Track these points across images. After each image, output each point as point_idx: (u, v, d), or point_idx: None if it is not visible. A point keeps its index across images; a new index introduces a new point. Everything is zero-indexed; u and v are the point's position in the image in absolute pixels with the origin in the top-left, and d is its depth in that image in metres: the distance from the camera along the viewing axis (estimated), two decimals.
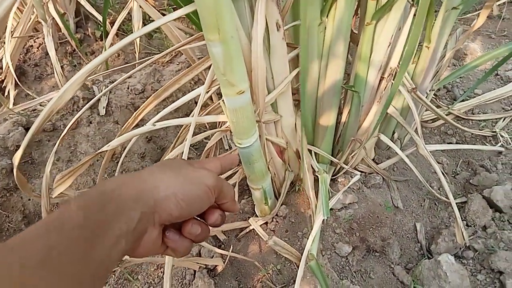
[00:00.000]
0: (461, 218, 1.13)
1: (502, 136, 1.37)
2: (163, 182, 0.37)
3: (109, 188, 0.34)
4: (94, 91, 1.56)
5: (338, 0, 0.78)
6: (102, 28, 2.12)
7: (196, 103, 1.56)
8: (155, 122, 0.89)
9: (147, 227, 0.36)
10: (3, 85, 1.81)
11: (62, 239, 0.29)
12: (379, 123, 0.94)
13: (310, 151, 1.03)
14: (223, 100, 0.83)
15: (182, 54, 1.89)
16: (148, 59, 0.99)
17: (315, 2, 0.80)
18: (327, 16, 0.83)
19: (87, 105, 1.00)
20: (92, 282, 0.30)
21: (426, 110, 1.40)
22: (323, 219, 0.82)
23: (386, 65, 0.91)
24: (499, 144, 1.34)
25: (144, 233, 0.36)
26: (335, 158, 1.05)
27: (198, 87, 0.96)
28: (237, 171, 1.06)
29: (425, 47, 1.00)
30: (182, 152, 0.86)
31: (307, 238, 0.83)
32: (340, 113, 1.03)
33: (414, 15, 0.91)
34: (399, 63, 0.94)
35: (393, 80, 0.99)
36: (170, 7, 2.33)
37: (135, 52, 1.96)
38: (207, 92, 0.89)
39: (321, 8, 0.81)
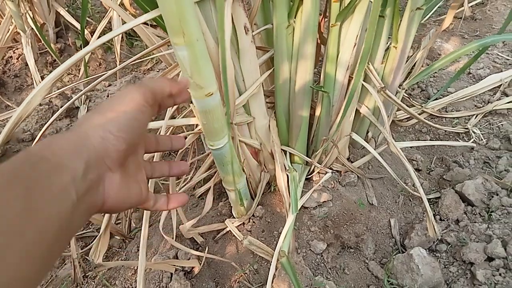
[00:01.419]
0: (435, 212, 1.16)
1: (474, 132, 1.41)
2: (93, 127, 0.35)
3: (35, 149, 0.31)
4: (74, 101, 1.56)
5: (304, 3, 0.81)
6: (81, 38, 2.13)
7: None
8: None
9: (102, 173, 0.35)
10: None
11: None
12: (343, 121, 0.97)
13: (285, 151, 1.05)
14: (193, 103, 0.85)
15: (162, 62, 1.91)
16: (123, 63, 1.00)
17: (282, 5, 0.82)
18: (294, 18, 0.86)
19: (60, 110, 1.01)
20: (43, 238, 0.28)
21: (399, 110, 1.43)
22: (297, 217, 0.84)
23: (354, 65, 0.94)
24: (472, 140, 1.38)
25: (101, 181, 0.35)
26: (309, 158, 1.07)
27: None
28: (214, 173, 1.08)
29: (393, 47, 1.03)
30: (153, 156, 0.87)
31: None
32: (313, 113, 1.05)
33: (380, 16, 0.94)
34: (368, 62, 0.97)
35: (364, 80, 1.02)
36: None
37: (117, 61, 1.97)
38: None
39: (288, 11, 0.83)
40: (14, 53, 2.02)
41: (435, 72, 1.73)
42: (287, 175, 0.91)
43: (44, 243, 0.28)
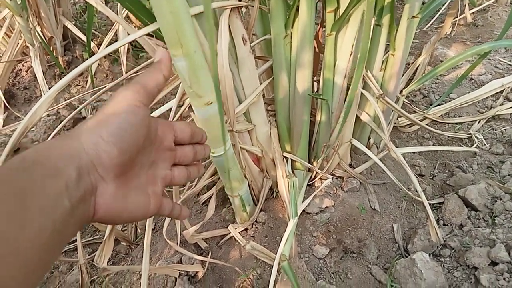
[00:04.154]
0: (438, 217, 1.16)
1: (477, 137, 1.41)
2: (86, 132, 0.33)
3: (30, 154, 0.30)
4: (81, 111, 1.59)
5: (300, 13, 0.83)
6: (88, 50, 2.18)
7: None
8: None
9: (94, 183, 0.33)
10: None
11: None
12: (343, 127, 0.98)
13: (286, 158, 1.06)
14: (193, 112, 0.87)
15: None
16: (128, 73, 1.03)
17: (279, 16, 0.85)
18: (292, 29, 0.88)
19: (68, 118, 1.04)
20: (35, 246, 0.27)
21: (400, 116, 1.44)
22: (299, 222, 0.85)
23: (352, 73, 0.96)
24: (474, 145, 1.38)
25: (93, 190, 0.33)
26: (311, 164, 1.09)
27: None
28: (218, 179, 1.10)
29: (391, 54, 1.05)
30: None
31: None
32: (314, 120, 1.07)
33: (376, 24, 0.96)
34: (366, 70, 0.99)
35: (363, 88, 1.04)
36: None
37: (123, 72, 2.00)
38: (181, 105, 0.93)
39: (285, 22, 0.86)
40: (23, 66, 2.08)
41: (437, 79, 1.74)
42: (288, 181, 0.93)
43: (38, 250, 0.27)
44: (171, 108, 0.89)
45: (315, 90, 1.12)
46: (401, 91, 1.29)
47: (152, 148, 0.41)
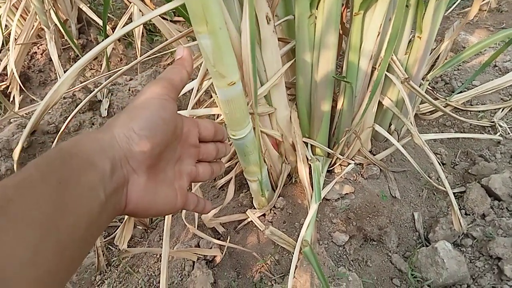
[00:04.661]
0: (460, 207, 1.13)
1: (500, 126, 1.37)
2: (119, 125, 0.34)
3: (66, 146, 0.31)
4: (96, 94, 1.59)
5: None
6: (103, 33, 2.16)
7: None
8: None
9: (126, 175, 0.34)
10: (9, 91, 1.86)
11: (22, 192, 0.25)
12: (366, 112, 0.95)
13: (306, 143, 1.04)
14: (215, 93, 0.85)
15: None
16: (144, 56, 1.01)
17: None
18: (316, 9, 0.85)
19: (83, 102, 1.03)
20: (74, 234, 0.27)
21: (422, 103, 1.40)
22: (318, 208, 0.83)
23: (377, 55, 0.93)
24: (498, 133, 1.34)
25: (125, 182, 0.34)
26: (331, 149, 1.06)
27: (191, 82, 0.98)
28: (235, 164, 1.08)
29: (417, 37, 1.01)
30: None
31: None
32: (335, 105, 1.04)
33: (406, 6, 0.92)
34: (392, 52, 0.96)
35: (387, 71, 1.00)
36: (170, 11, 2.36)
37: (137, 56, 1.99)
38: (201, 87, 0.91)
39: (310, 1, 0.83)
40: (38, 49, 2.07)
41: (459, 65, 1.69)
42: (310, 166, 0.91)
43: (76, 239, 0.28)
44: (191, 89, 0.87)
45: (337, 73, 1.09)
46: (424, 77, 1.25)
47: (178, 143, 0.42)
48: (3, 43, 1.96)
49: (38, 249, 0.24)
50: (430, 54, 1.51)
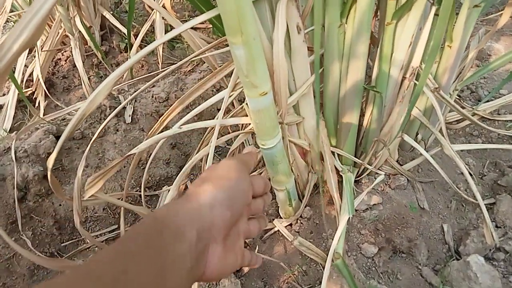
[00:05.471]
0: (490, 219, 1.10)
1: None
2: (203, 195, 0.37)
3: (160, 215, 0.35)
4: (120, 100, 1.61)
5: (358, 2, 0.79)
6: (126, 40, 2.19)
7: (218, 110, 1.59)
8: (181, 125, 0.91)
9: (208, 244, 0.36)
10: (34, 97, 1.89)
11: (132, 263, 0.29)
12: (404, 124, 0.94)
13: (333, 152, 1.03)
14: (246, 103, 0.85)
15: (204, 63, 1.94)
16: (170, 67, 1.02)
17: (335, 4, 0.81)
18: (346, 18, 0.84)
19: (113, 113, 1.04)
20: None
21: (449, 111, 1.38)
22: (348, 218, 0.82)
23: (408, 65, 0.91)
24: None
25: (207, 251, 0.37)
26: (358, 159, 1.05)
27: (220, 92, 0.98)
28: (261, 173, 1.07)
29: (447, 46, 1.00)
30: (207, 155, 0.88)
31: (332, 239, 0.83)
32: (362, 115, 1.03)
33: (435, 14, 0.91)
34: (421, 62, 0.94)
35: (416, 80, 0.99)
36: (191, 18, 2.38)
37: (158, 63, 2.01)
38: (230, 96, 0.91)
39: (341, 10, 0.82)
40: (62, 55, 2.11)
41: (486, 73, 1.66)
42: (341, 177, 0.90)
43: None
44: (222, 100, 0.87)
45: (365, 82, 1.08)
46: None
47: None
48: (29, 50, 2.01)
49: None
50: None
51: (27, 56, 2.01)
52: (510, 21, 1.99)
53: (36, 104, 1.87)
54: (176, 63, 2.17)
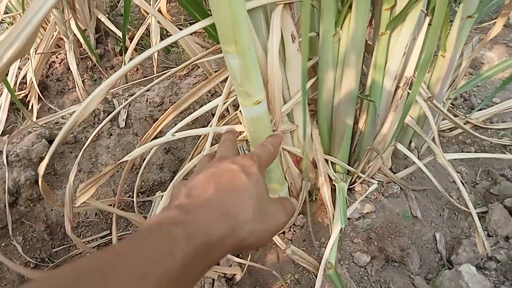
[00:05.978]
0: (482, 228, 1.11)
1: None
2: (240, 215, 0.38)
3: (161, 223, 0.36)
4: (114, 104, 1.60)
5: (353, 10, 0.80)
6: (121, 43, 2.18)
7: (213, 115, 1.59)
8: (174, 132, 0.91)
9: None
10: (27, 100, 1.88)
11: (119, 256, 0.30)
12: (398, 133, 0.94)
13: (326, 160, 1.03)
14: (240, 111, 0.85)
15: (199, 67, 1.93)
16: (166, 72, 1.01)
17: (330, 13, 0.81)
18: (341, 27, 0.84)
19: (108, 118, 1.03)
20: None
21: (443, 120, 1.39)
22: (341, 228, 0.82)
23: (402, 74, 0.92)
24: None
25: None
26: (351, 167, 1.05)
27: (215, 99, 0.98)
28: None
29: (441, 55, 1.00)
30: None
31: (325, 248, 0.83)
32: (356, 123, 1.04)
33: (429, 24, 0.92)
34: (414, 72, 0.95)
35: (409, 89, 0.99)
36: (187, 22, 2.38)
37: (153, 67, 2.00)
38: (224, 103, 0.91)
39: (336, 19, 0.82)
40: (56, 58, 2.10)
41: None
42: (334, 185, 0.90)
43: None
44: (216, 106, 0.86)
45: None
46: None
47: None
48: None
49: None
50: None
51: (21, 59, 2.00)
52: (503, 29, 2.01)
53: (29, 107, 1.85)
54: (171, 66, 2.17)
